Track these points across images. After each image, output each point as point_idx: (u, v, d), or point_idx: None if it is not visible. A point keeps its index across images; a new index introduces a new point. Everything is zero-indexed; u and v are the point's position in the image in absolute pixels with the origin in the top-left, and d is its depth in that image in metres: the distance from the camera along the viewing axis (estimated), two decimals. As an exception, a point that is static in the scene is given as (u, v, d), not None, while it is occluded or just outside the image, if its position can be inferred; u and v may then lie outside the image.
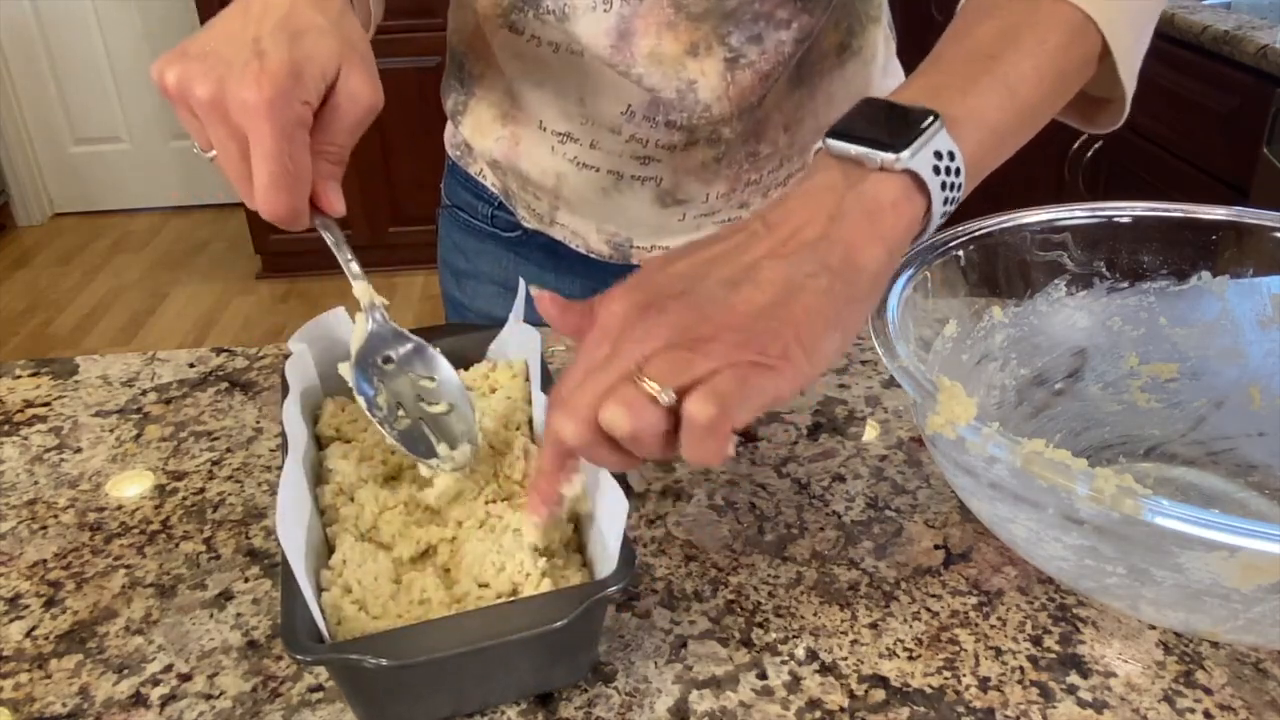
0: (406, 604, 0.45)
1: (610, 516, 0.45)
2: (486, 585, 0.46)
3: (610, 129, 0.70)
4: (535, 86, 0.72)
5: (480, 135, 0.78)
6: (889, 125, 0.42)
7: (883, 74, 0.79)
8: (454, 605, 0.45)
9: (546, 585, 0.45)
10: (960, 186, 0.44)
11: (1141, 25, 0.53)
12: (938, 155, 0.42)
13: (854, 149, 0.42)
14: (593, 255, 0.79)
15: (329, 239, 0.52)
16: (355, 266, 0.52)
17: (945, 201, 0.43)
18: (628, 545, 0.44)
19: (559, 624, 0.41)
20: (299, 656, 0.40)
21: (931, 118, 0.43)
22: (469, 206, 0.84)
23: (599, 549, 0.47)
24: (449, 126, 0.84)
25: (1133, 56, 0.53)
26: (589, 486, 0.48)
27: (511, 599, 0.45)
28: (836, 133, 0.43)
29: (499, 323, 0.62)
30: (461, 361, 0.62)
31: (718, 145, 0.71)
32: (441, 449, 0.51)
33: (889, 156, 0.41)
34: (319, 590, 0.45)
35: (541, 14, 0.66)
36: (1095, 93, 0.55)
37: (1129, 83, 0.53)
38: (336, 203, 0.50)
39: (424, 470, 0.51)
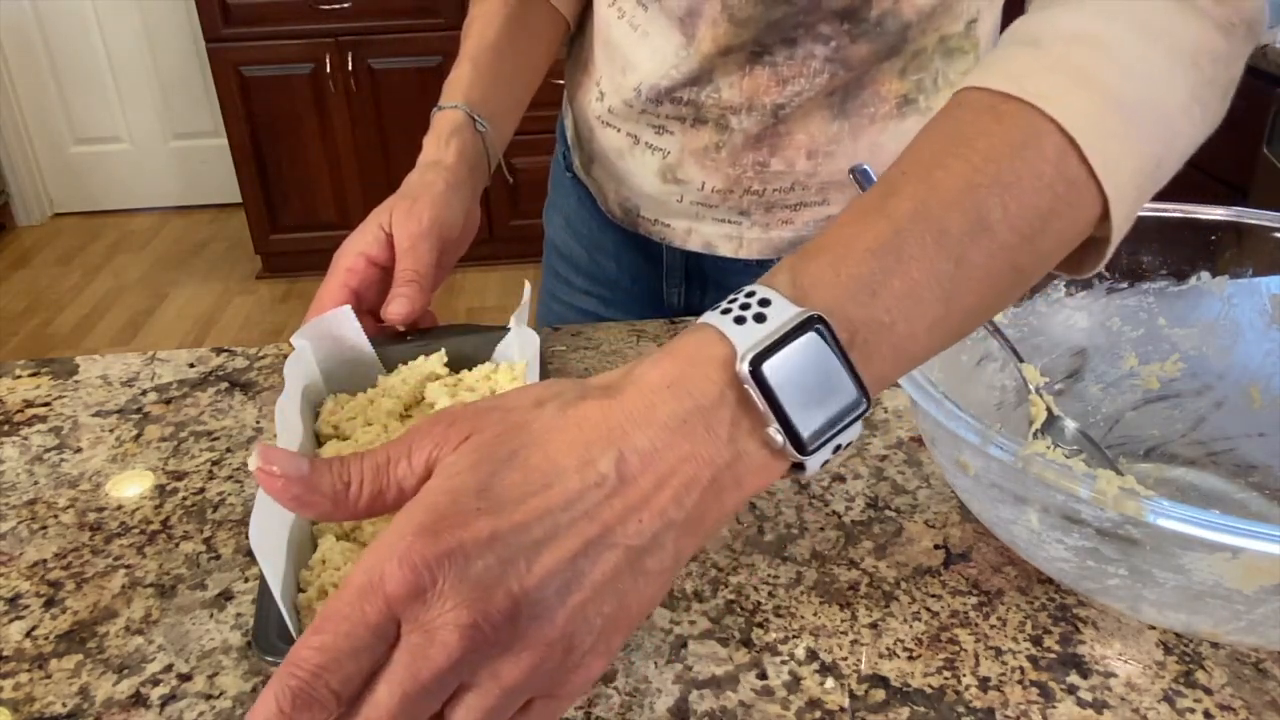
0: None
1: None
2: None
3: (652, 89, 0.74)
4: (601, 48, 0.78)
5: (568, 84, 0.86)
6: (811, 393, 0.33)
7: None
8: None
9: None
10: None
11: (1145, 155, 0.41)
12: (836, 448, 0.35)
13: (766, 418, 0.33)
14: (606, 213, 0.84)
15: None
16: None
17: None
18: None
19: None
20: (267, 658, 0.40)
21: (861, 406, 0.34)
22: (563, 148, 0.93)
23: None
24: None
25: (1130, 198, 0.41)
26: None
27: None
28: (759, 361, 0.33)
29: (499, 325, 0.63)
30: (465, 362, 0.62)
31: (724, 132, 0.73)
32: None
33: (791, 451, 0.33)
34: (298, 590, 0.45)
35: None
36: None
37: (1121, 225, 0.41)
38: (395, 313, 0.61)
39: None
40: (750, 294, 0.35)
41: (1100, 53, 0.40)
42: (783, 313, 0.34)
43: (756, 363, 0.33)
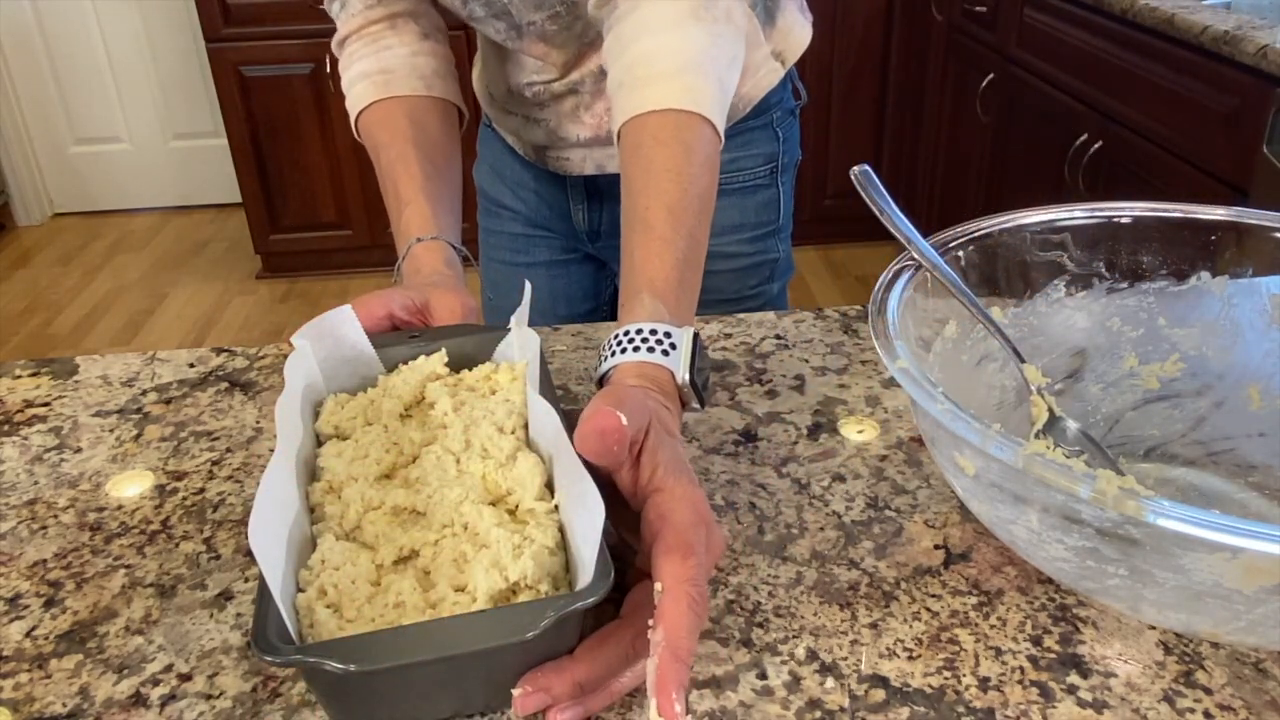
0: (382, 607, 0.45)
1: (586, 526, 0.44)
2: (463, 590, 0.45)
3: (518, 87, 0.98)
4: (485, 60, 1.03)
5: (475, 80, 1.10)
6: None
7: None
8: (428, 610, 0.44)
9: (528, 595, 0.44)
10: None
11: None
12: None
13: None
14: (523, 155, 1.07)
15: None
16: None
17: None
18: (604, 557, 0.42)
19: (525, 637, 0.40)
20: (265, 657, 0.40)
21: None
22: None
23: (577, 559, 0.46)
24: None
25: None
26: (568, 494, 0.47)
27: (484, 609, 0.44)
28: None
29: (501, 325, 0.63)
30: (465, 362, 0.62)
31: (578, 96, 0.95)
32: None
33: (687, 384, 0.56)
34: (297, 590, 0.45)
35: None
36: None
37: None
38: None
39: None
40: (653, 332, 0.56)
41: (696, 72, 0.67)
42: (680, 337, 0.56)
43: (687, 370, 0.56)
